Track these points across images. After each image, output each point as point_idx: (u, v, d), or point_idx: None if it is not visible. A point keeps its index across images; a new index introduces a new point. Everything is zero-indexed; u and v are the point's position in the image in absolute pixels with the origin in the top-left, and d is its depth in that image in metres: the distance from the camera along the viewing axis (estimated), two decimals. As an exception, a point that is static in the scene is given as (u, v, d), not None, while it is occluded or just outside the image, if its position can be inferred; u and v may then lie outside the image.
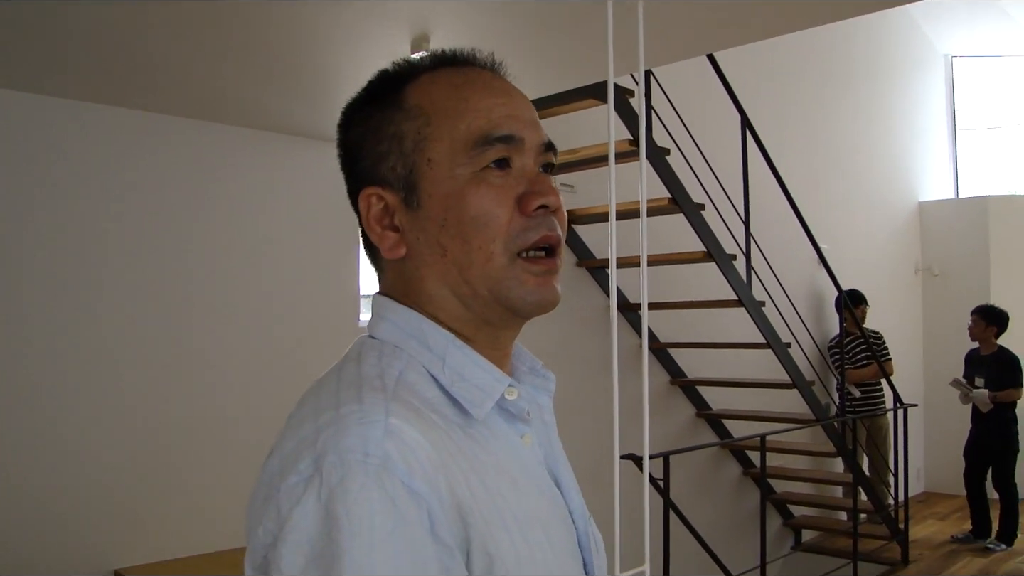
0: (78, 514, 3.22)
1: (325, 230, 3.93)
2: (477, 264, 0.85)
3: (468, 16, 2.63)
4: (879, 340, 7.27)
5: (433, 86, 0.90)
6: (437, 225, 0.86)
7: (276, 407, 3.66)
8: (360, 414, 0.74)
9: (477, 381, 0.86)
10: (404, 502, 0.70)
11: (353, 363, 0.85)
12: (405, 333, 0.88)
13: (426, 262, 0.88)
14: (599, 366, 4.84)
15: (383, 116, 0.90)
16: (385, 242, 0.89)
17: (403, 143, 0.88)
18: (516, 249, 0.86)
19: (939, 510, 8.14)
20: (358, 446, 0.71)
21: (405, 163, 0.88)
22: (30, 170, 3.17)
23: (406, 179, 0.87)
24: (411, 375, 0.83)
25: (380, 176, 0.89)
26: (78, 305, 3.26)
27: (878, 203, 8.60)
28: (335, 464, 0.71)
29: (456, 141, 0.86)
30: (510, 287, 0.86)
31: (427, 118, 0.88)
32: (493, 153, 0.86)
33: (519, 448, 0.89)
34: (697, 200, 4.72)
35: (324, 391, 0.82)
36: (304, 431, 0.76)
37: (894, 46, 8.85)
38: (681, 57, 3.21)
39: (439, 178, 0.86)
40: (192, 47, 2.78)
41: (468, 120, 0.87)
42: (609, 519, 2.69)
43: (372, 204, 0.89)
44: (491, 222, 0.85)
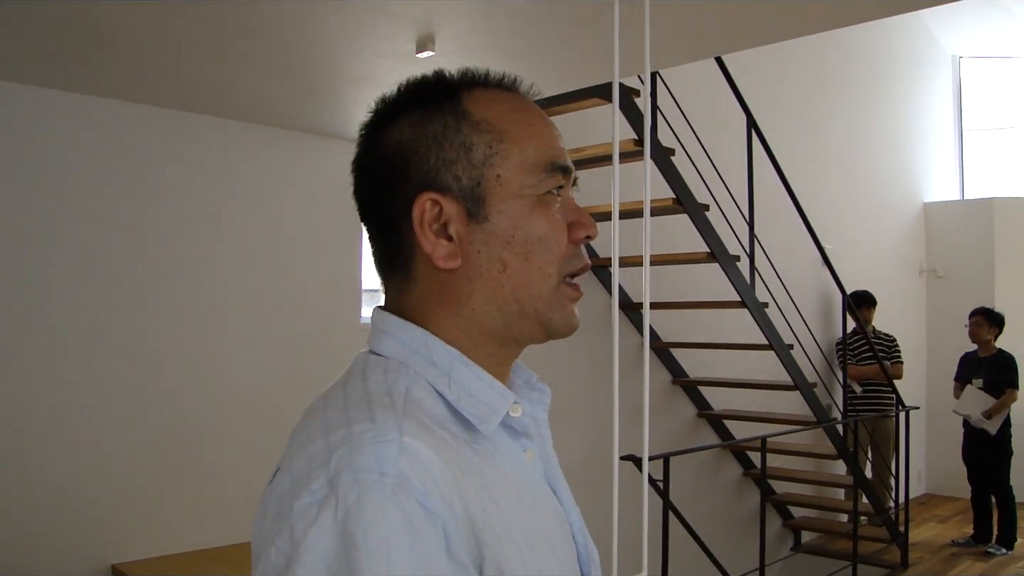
0: (76, 510, 3.22)
1: (329, 225, 3.93)
2: (535, 283, 0.88)
3: (474, 16, 2.62)
4: (891, 342, 7.25)
5: (497, 104, 0.90)
6: (503, 241, 0.87)
7: (277, 403, 3.69)
8: (373, 433, 0.74)
9: (483, 397, 0.86)
10: (420, 521, 0.70)
11: (358, 379, 0.84)
12: (410, 349, 0.87)
13: (481, 275, 0.87)
14: (601, 365, 4.83)
15: (444, 122, 0.88)
16: (439, 250, 0.86)
17: (472, 154, 0.87)
18: (565, 273, 0.89)
19: (940, 513, 8.13)
20: (373, 465, 0.71)
21: (473, 174, 0.87)
22: (42, 165, 3.18)
23: (472, 191, 0.87)
24: (417, 392, 0.83)
25: (441, 182, 0.87)
26: (81, 301, 3.26)
27: (883, 204, 8.58)
28: (351, 484, 0.70)
29: (525, 163, 0.88)
30: (554, 308, 0.89)
31: (499, 135, 0.88)
32: (555, 180, 0.89)
33: (523, 463, 0.90)
34: (702, 200, 4.71)
35: (331, 408, 0.80)
36: (314, 449, 0.75)
37: (901, 46, 8.82)
38: (687, 60, 3.20)
39: (507, 195, 0.87)
40: (203, 44, 2.78)
41: (536, 144, 0.89)
42: (608, 521, 2.69)
43: (427, 209, 0.86)
44: (554, 245, 0.88)
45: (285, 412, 3.52)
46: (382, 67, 3.01)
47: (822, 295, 7.28)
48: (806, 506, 6.69)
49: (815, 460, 6.78)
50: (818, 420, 5.64)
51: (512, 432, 0.90)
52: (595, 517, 3.83)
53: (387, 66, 3.00)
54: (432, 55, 2.83)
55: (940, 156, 9.55)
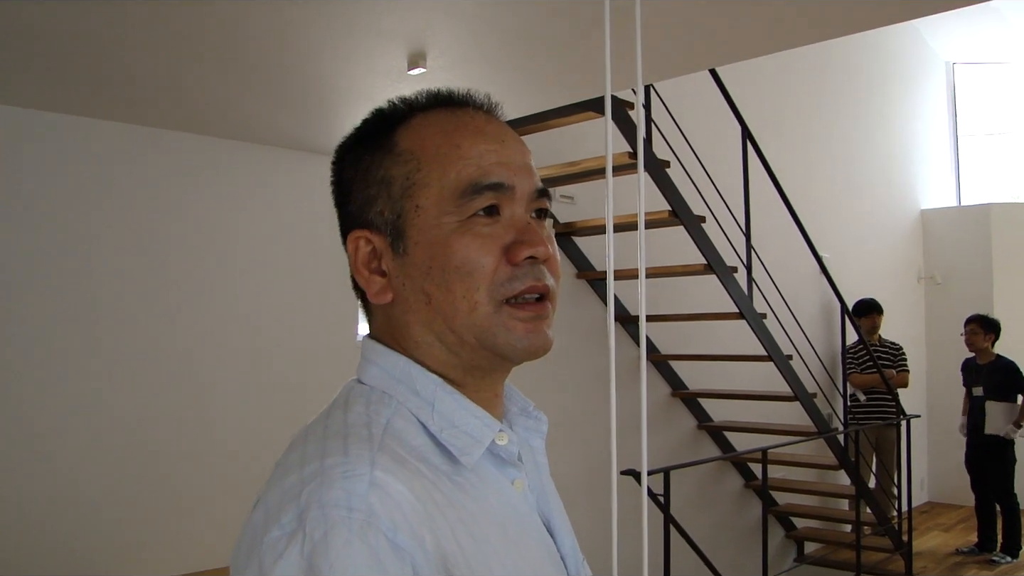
0: (73, 532, 3.20)
1: (322, 243, 3.90)
2: (461, 312, 0.84)
3: (465, 33, 2.61)
4: (898, 350, 7.24)
5: (424, 130, 0.88)
6: (422, 272, 0.85)
7: (272, 424, 3.66)
8: (344, 467, 0.73)
9: (467, 427, 0.84)
10: (388, 557, 0.69)
11: (340, 410, 0.83)
12: (393, 378, 0.86)
13: (411, 308, 0.86)
14: (599, 379, 4.82)
15: (373, 159, 0.88)
16: (372, 286, 0.88)
17: (391, 187, 0.87)
18: (501, 298, 0.84)
19: (943, 521, 8.09)
20: (342, 501, 0.70)
21: (393, 208, 0.86)
22: (25, 184, 3.16)
23: (394, 224, 0.86)
24: (399, 422, 0.82)
25: (368, 219, 0.88)
26: (72, 321, 3.25)
27: (880, 212, 8.58)
28: (318, 519, 0.69)
29: (445, 188, 0.85)
30: (496, 334, 0.84)
31: (417, 163, 0.86)
32: (481, 201, 0.84)
33: (509, 494, 0.88)
34: (698, 212, 4.70)
35: (310, 440, 0.80)
36: (288, 482, 0.75)
37: (895, 53, 8.83)
38: (680, 73, 3.20)
39: (426, 225, 0.85)
40: (189, 62, 2.77)
41: (458, 168, 0.85)
42: (607, 537, 2.67)
43: (360, 247, 0.88)
44: (475, 271, 0.83)
45: (281, 430, 3.48)
46: (375, 84, 3.01)
47: (821, 304, 7.27)
48: (809, 517, 6.65)
49: (817, 471, 6.74)
50: (819, 431, 5.62)
51: (499, 461, 0.88)
52: (595, 533, 3.80)
53: (379, 83, 2.99)
54: (423, 71, 2.82)
55: (936, 163, 9.56)
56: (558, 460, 4.70)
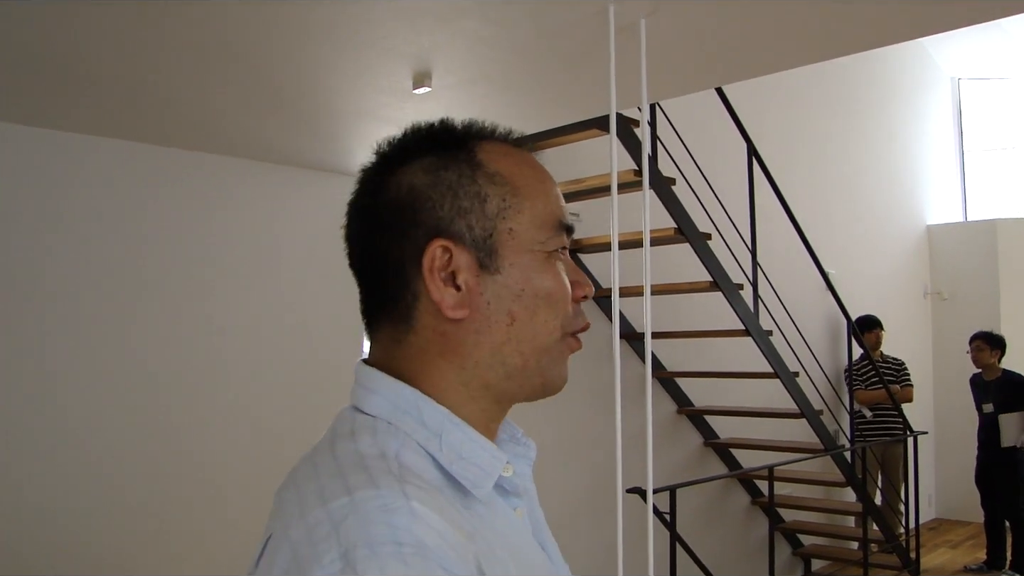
0: (78, 545, 3.20)
1: (329, 260, 3.91)
2: (540, 336, 0.87)
3: (470, 52, 2.62)
4: (900, 366, 7.22)
5: (508, 159, 0.89)
6: (513, 294, 0.86)
7: (281, 439, 3.65)
8: (380, 500, 0.70)
9: (476, 460, 0.83)
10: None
11: (347, 440, 0.80)
12: (399, 409, 0.84)
13: (489, 327, 0.85)
14: (604, 396, 4.80)
15: (460, 171, 0.86)
16: (448, 299, 0.84)
17: (486, 205, 0.86)
18: (568, 331, 0.90)
19: (951, 538, 8.05)
20: (388, 536, 0.67)
21: (486, 225, 0.85)
22: (44, 205, 3.18)
23: (485, 241, 0.85)
24: (408, 455, 0.80)
25: (455, 230, 0.85)
26: (83, 336, 3.26)
27: (885, 228, 8.57)
28: (369, 558, 0.66)
29: (536, 219, 0.88)
30: (556, 363, 0.90)
31: (513, 189, 0.87)
32: (561, 240, 0.89)
33: (515, 522, 0.88)
34: (704, 229, 4.70)
35: (323, 473, 0.77)
36: (313, 519, 0.71)
37: (900, 69, 8.85)
38: (685, 91, 3.21)
39: (519, 249, 0.86)
40: (198, 82, 2.79)
41: (547, 203, 0.89)
42: (613, 555, 2.66)
43: (438, 256, 0.84)
44: (559, 301, 0.88)
45: (290, 446, 3.48)
46: (380, 103, 3.02)
47: (827, 321, 7.26)
48: (816, 534, 6.62)
49: (824, 488, 6.72)
50: (825, 448, 5.60)
51: (502, 492, 0.88)
52: (601, 551, 3.77)
53: (384, 102, 3.00)
54: (428, 91, 2.83)
55: (942, 178, 9.55)
56: (564, 478, 4.73)
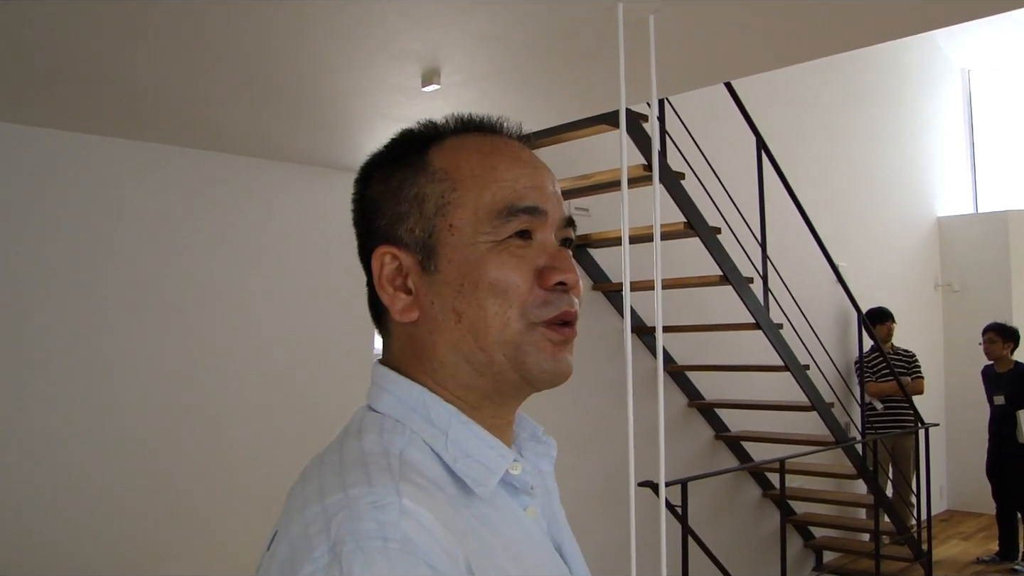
0: (80, 543, 3.22)
1: (337, 256, 3.93)
2: (493, 329, 0.84)
3: (478, 49, 2.63)
4: (911, 358, 7.22)
5: (460, 151, 0.89)
6: (454, 290, 0.85)
7: (290, 436, 3.68)
8: (372, 497, 0.72)
9: (481, 457, 0.84)
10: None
11: (354, 438, 0.82)
12: (407, 407, 0.86)
13: (439, 327, 0.86)
14: (616, 390, 4.82)
15: (404, 176, 0.88)
16: (396, 303, 0.87)
17: (424, 205, 0.87)
18: (533, 320, 0.85)
19: (963, 529, 8.04)
20: (375, 531, 0.69)
21: (425, 226, 0.86)
22: (43, 203, 3.20)
23: (424, 242, 0.86)
24: (413, 452, 0.81)
25: (397, 236, 0.87)
26: (88, 336, 3.28)
27: (896, 220, 8.55)
28: (354, 552, 0.68)
29: (480, 209, 0.86)
30: (528, 352, 0.85)
31: (452, 183, 0.87)
32: (516, 224, 0.86)
33: (523, 521, 0.88)
34: (713, 223, 4.71)
35: (327, 470, 0.79)
36: (310, 514, 0.73)
37: (910, 61, 8.82)
38: (694, 86, 3.21)
39: (460, 244, 0.85)
40: (204, 79, 2.80)
41: (494, 189, 0.86)
42: (626, 548, 2.68)
43: (386, 263, 0.87)
44: (509, 289, 0.85)
45: (298, 445, 3.50)
46: (389, 102, 3.03)
47: (837, 313, 7.26)
48: (827, 527, 6.63)
49: (835, 480, 6.72)
50: (836, 440, 5.60)
51: (512, 490, 0.88)
52: (613, 544, 3.79)
53: (393, 100, 3.02)
54: (437, 88, 2.84)
55: (953, 170, 9.52)
56: (575, 472, 4.74)
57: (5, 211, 3.12)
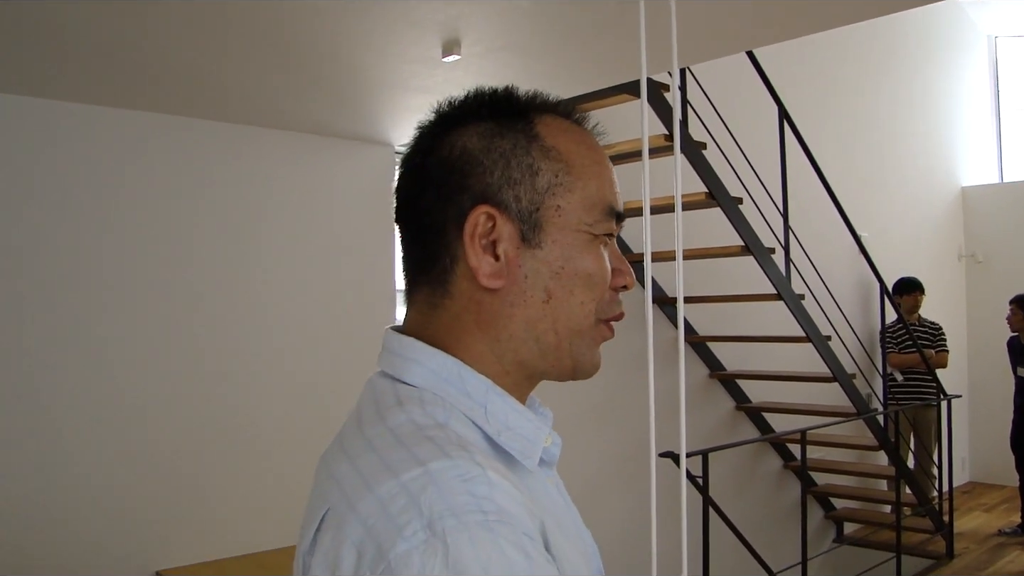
0: (120, 517, 3.26)
1: (361, 228, 3.93)
2: (575, 318, 0.87)
3: (499, 19, 2.61)
4: (937, 330, 7.16)
5: (567, 136, 0.89)
6: (552, 271, 0.85)
7: (314, 407, 3.70)
8: (456, 470, 0.70)
9: (521, 430, 0.84)
10: (532, 550, 0.68)
11: (396, 411, 0.79)
12: (441, 379, 0.83)
13: (524, 301, 0.85)
14: (637, 361, 4.81)
15: (517, 141, 0.86)
16: (485, 266, 0.84)
17: (537, 179, 0.85)
18: (601, 316, 0.89)
19: (985, 501, 8.02)
20: (472, 505, 0.68)
21: (534, 199, 0.85)
22: (55, 175, 3.21)
23: (531, 215, 0.85)
24: (456, 426, 0.79)
25: (501, 199, 0.84)
26: (110, 311, 3.30)
27: (919, 190, 8.47)
28: (457, 528, 0.66)
29: (587, 200, 0.87)
30: (588, 345, 0.89)
31: (566, 166, 0.86)
32: (610, 226, 0.89)
33: (552, 492, 0.90)
34: (735, 194, 4.68)
35: (382, 444, 0.76)
36: (385, 491, 0.70)
37: (935, 28, 8.69)
38: (715, 55, 3.18)
39: (564, 227, 0.86)
40: (222, 50, 2.79)
41: (599, 186, 0.88)
42: (646, 518, 2.68)
43: (481, 223, 0.84)
44: (598, 284, 0.88)
45: (324, 415, 3.53)
46: (409, 72, 3.02)
47: (860, 284, 7.21)
48: (848, 498, 6.63)
49: (856, 451, 6.71)
50: (858, 411, 5.59)
51: (541, 462, 0.89)
52: (633, 514, 3.81)
53: (414, 71, 3.00)
54: (458, 59, 2.83)
55: (977, 139, 9.40)
56: (597, 443, 4.76)
57: (11, 182, 3.12)
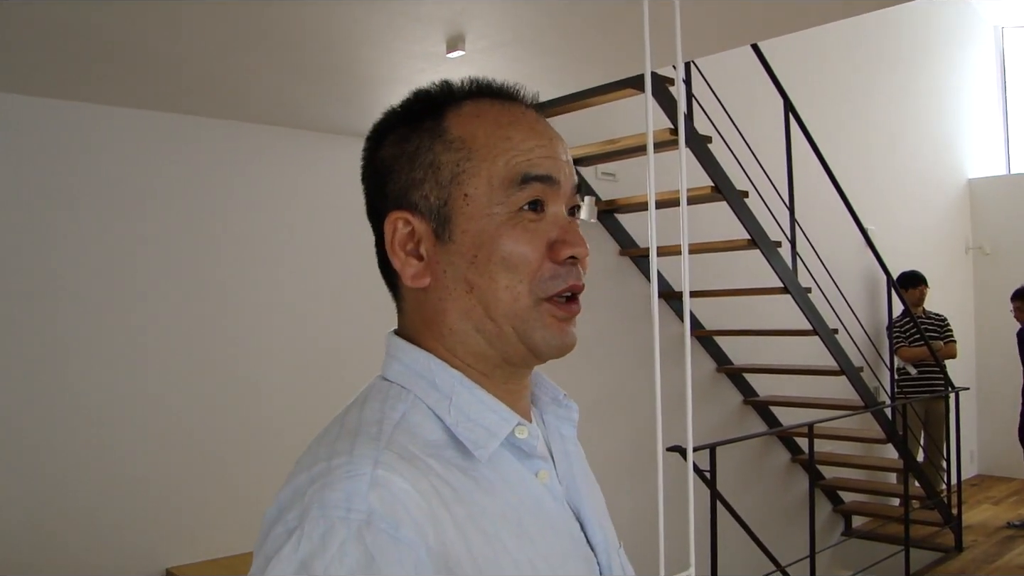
0: (131, 514, 3.28)
1: (364, 225, 3.93)
2: (503, 303, 0.85)
3: (503, 15, 2.61)
4: (943, 322, 7.14)
5: (477, 120, 0.88)
6: (467, 261, 0.85)
7: (319, 403, 3.71)
8: (348, 467, 0.74)
9: (483, 421, 0.85)
10: (385, 556, 0.70)
11: (357, 408, 0.85)
12: (413, 373, 0.87)
13: (450, 295, 0.86)
14: (643, 355, 4.82)
15: (421, 141, 0.88)
16: (408, 269, 0.87)
17: (440, 173, 0.86)
18: (541, 294, 0.86)
19: (994, 494, 8.00)
20: (341, 501, 0.71)
21: (440, 194, 0.86)
22: (69, 176, 3.22)
23: (439, 210, 0.86)
24: (415, 417, 0.83)
25: (411, 202, 0.87)
26: (121, 309, 3.31)
27: (926, 182, 8.44)
28: (317, 520, 0.71)
29: (494, 178, 0.85)
30: (534, 328, 0.86)
31: (468, 152, 0.86)
32: (529, 192, 0.85)
33: (532, 486, 0.87)
34: (741, 187, 4.67)
35: (325, 439, 0.81)
36: (299, 480, 0.76)
37: (941, 19, 8.65)
38: (720, 48, 3.17)
39: (474, 214, 0.85)
40: (230, 49, 2.80)
41: (508, 158, 0.86)
42: (654, 513, 2.68)
43: (398, 228, 0.87)
44: (521, 264, 0.85)
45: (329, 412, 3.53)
46: (414, 68, 3.02)
47: (866, 277, 7.19)
48: (856, 491, 6.62)
49: (864, 444, 6.70)
50: (866, 404, 5.58)
51: (521, 454, 0.87)
52: (641, 509, 3.79)
53: (418, 67, 3.00)
54: (462, 54, 2.83)
55: (984, 130, 9.36)
56: (604, 438, 4.75)
57: (41, 183, 3.16)
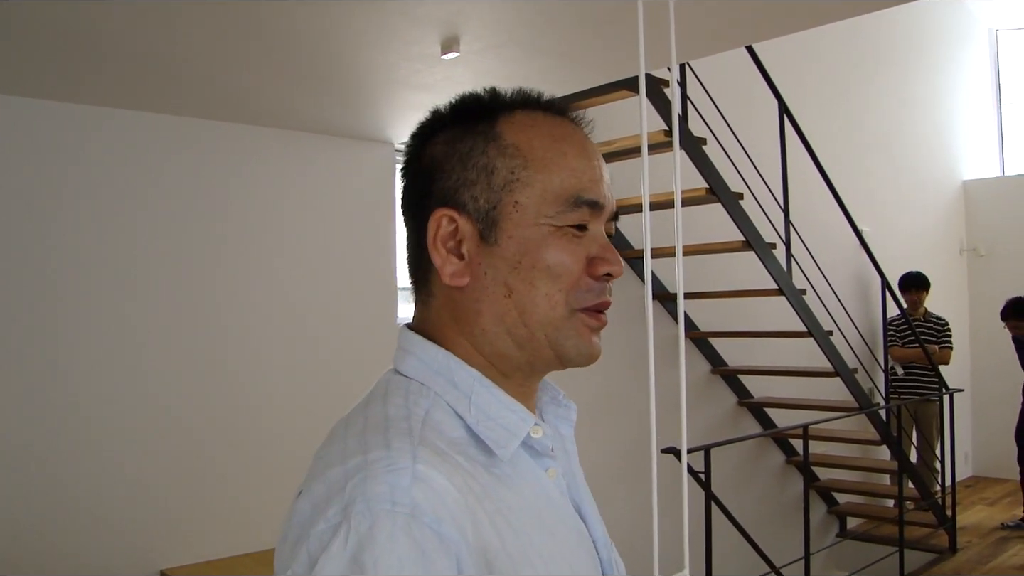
0: (125, 516, 3.28)
1: (362, 226, 3.94)
2: (541, 310, 0.87)
3: (497, 16, 2.61)
4: (943, 326, 7.14)
5: (532, 130, 0.90)
6: (509, 265, 0.87)
7: (316, 405, 3.71)
8: (387, 461, 0.75)
9: (503, 420, 0.86)
10: (433, 549, 0.71)
11: (379, 402, 0.85)
12: (432, 370, 0.88)
13: (488, 297, 0.88)
14: (638, 357, 4.82)
15: (474, 143, 0.89)
16: (448, 267, 0.88)
17: (493, 178, 0.88)
18: (576, 306, 0.89)
19: (988, 495, 8.01)
20: (386, 495, 0.72)
21: (490, 198, 0.88)
22: (71, 177, 3.22)
23: (487, 213, 0.88)
24: (437, 414, 0.84)
25: (459, 201, 0.88)
26: (118, 310, 3.31)
27: (921, 184, 8.45)
28: (363, 513, 0.71)
29: (548, 192, 0.88)
30: (568, 336, 0.89)
31: (524, 161, 0.88)
32: (579, 215, 0.88)
33: (544, 483, 0.90)
34: (735, 189, 4.67)
35: (351, 432, 0.81)
36: (332, 475, 0.76)
37: (935, 20, 8.66)
38: (714, 51, 3.18)
39: (522, 222, 0.87)
40: (228, 52, 2.80)
41: (563, 176, 0.88)
42: (648, 515, 2.68)
43: (443, 225, 0.88)
44: (565, 274, 0.88)
45: (331, 412, 3.53)
46: (408, 69, 3.02)
47: (861, 279, 7.20)
48: (851, 492, 6.63)
49: (859, 446, 6.70)
50: (860, 406, 5.58)
51: (534, 452, 0.90)
52: (635, 511, 3.81)
53: (413, 68, 3.00)
54: (457, 56, 2.83)
55: (978, 132, 9.38)
56: (598, 439, 4.75)
57: (39, 185, 3.16)
